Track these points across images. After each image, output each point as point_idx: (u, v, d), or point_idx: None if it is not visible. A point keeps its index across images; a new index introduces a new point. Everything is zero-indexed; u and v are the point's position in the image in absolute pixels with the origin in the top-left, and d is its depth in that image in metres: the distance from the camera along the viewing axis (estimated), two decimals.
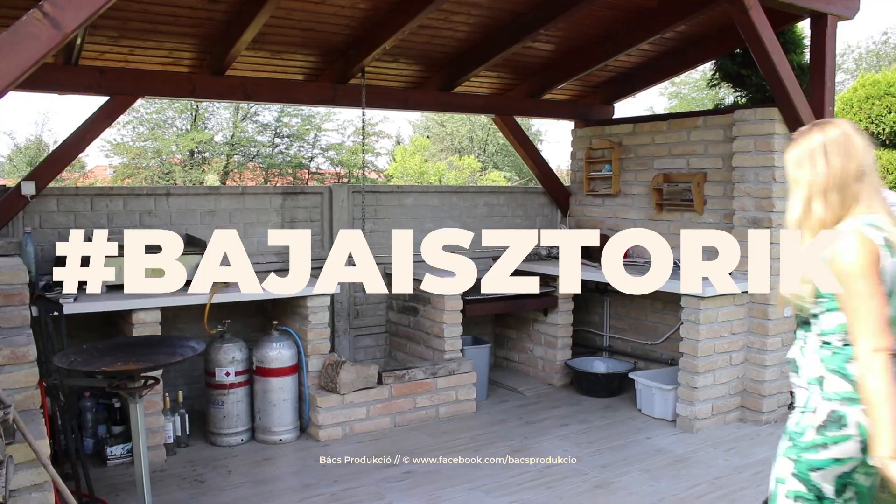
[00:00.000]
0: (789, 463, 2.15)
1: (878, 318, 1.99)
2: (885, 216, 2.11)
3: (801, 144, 2.21)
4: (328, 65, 5.31)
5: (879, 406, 1.94)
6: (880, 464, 1.95)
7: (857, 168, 2.14)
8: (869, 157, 2.16)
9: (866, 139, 2.17)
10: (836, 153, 2.15)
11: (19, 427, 2.34)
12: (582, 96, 6.64)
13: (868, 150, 2.15)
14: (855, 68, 22.46)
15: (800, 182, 2.20)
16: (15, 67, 2.24)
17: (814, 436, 2.09)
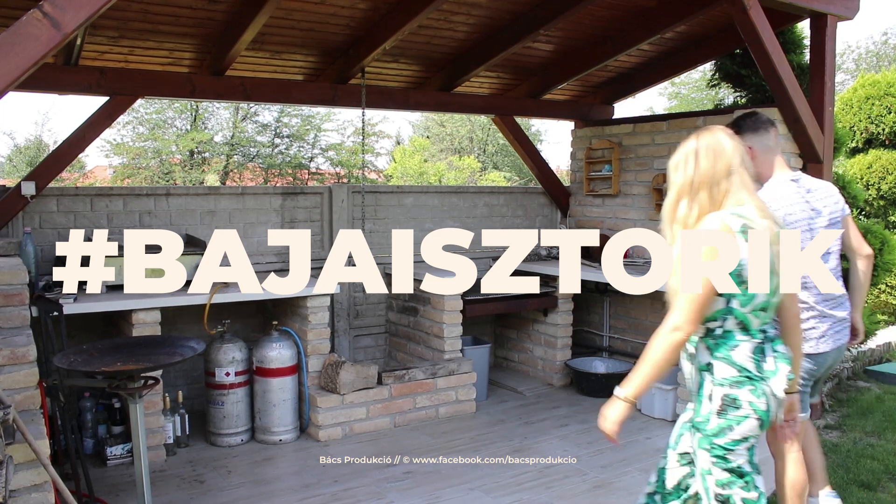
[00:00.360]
0: (706, 454, 2.33)
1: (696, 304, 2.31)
2: (753, 207, 2.33)
3: (679, 150, 2.46)
4: (328, 65, 5.31)
5: (646, 361, 2.33)
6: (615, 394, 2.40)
7: (726, 167, 2.35)
8: (737, 157, 2.37)
9: (737, 143, 2.41)
10: (705, 156, 2.37)
11: (19, 427, 2.34)
12: (582, 96, 6.64)
13: (737, 152, 2.38)
14: (855, 68, 22.46)
15: (673, 184, 2.44)
16: (15, 67, 2.24)
17: (717, 422, 2.29)
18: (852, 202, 5.67)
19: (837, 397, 5.43)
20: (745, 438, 2.30)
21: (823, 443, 4.51)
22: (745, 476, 2.32)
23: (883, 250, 5.36)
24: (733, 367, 2.30)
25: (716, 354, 2.33)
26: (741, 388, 2.28)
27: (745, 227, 2.28)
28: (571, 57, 5.77)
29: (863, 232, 5.35)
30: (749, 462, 2.33)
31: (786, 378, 2.30)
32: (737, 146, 2.39)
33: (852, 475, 4.00)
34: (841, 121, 8.83)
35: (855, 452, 4.33)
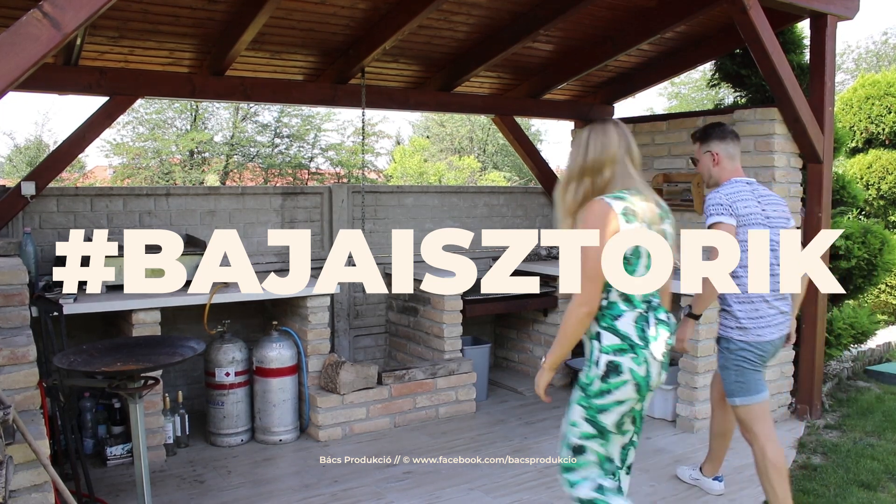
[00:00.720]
0: (581, 409, 2.56)
1: (592, 279, 2.48)
2: (636, 193, 2.53)
3: (573, 141, 2.66)
4: (328, 65, 5.31)
5: (561, 334, 2.53)
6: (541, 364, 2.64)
7: (611, 157, 2.54)
8: (622, 148, 2.57)
9: (623, 135, 2.59)
10: (593, 145, 2.57)
11: (19, 427, 2.34)
12: (582, 96, 6.64)
13: (622, 143, 2.57)
14: (855, 68, 22.46)
15: (565, 169, 2.66)
16: (15, 67, 2.23)
17: (599, 385, 2.51)
18: (852, 202, 5.67)
19: (837, 397, 5.43)
20: (620, 402, 2.50)
21: (823, 443, 4.51)
22: (606, 435, 2.55)
23: (883, 250, 5.36)
24: (617, 336, 2.49)
25: (602, 324, 2.51)
26: (624, 355, 2.47)
27: (627, 209, 2.47)
28: (571, 57, 5.77)
29: (862, 231, 5.36)
30: (617, 426, 2.54)
31: (665, 343, 2.52)
32: (622, 138, 2.58)
33: (852, 475, 4.00)
34: (841, 121, 8.84)
35: (855, 452, 4.33)
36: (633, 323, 2.49)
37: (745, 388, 3.33)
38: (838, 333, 5.24)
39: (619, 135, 2.58)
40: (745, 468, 4.11)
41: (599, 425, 2.53)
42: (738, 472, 4.04)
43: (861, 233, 5.34)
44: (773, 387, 4.85)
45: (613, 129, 2.59)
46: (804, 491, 3.80)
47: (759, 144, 4.80)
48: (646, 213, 2.50)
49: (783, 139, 4.75)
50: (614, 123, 2.62)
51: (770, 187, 4.73)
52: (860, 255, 5.28)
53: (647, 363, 2.48)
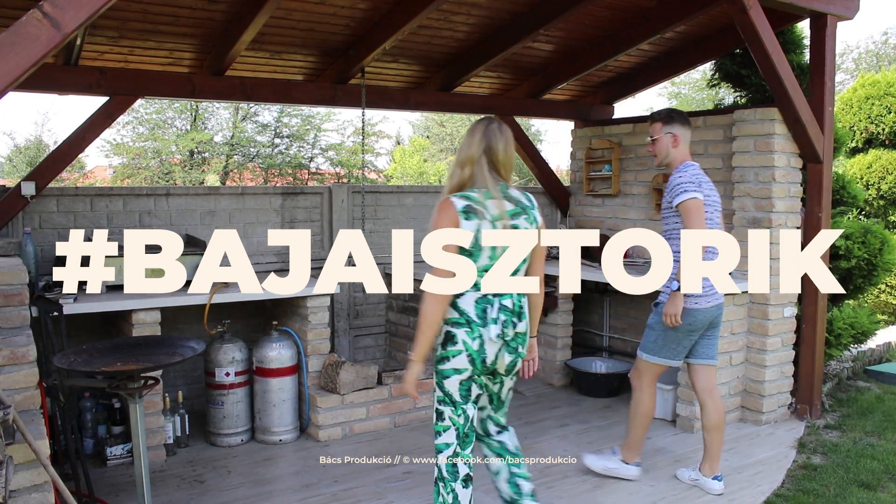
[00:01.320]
0: (435, 375, 2.86)
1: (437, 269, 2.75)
2: (486, 191, 2.76)
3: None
4: (328, 65, 5.31)
5: (422, 323, 2.76)
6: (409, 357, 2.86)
7: (470, 155, 2.81)
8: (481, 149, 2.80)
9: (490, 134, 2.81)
10: (468, 141, 2.84)
11: (19, 427, 2.34)
12: (582, 96, 6.64)
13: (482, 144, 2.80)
14: (854, 68, 22.45)
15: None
16: (15, 67, 2.23)
17: (440, 352, 2.82)
18: (852, 202, 5.67)
19: (837, 397, 5.43)
20: (456, 370, 2.79)
21: (823, 443, 4.51)
22: (456, 405, 2.84)
23: (883, 250, 5.36)
24: (456, 311, 2.79)
25: (450, 302, 2.80)
26: (460, 328, 2.78)
27: (468, 207, 2.73)
28: (571, 57, 5.77)
29: (862, 231, 5.36)
30: (462, 396, 2.83)
31: (501, 326, 2.76)
32: (483, 139, 2.81)
33: (852, 475, 4.00)
34: (841, 121, 8.83)
35: (855, 452, 4.33)
36: (473, 303, 2.78)
37: (661, 349, 3.72)
38: (838, 333, 5.23)
39: (482, 136, 2.81)
40: (745, 468, 4.11)
41: (445, 391, 2.84)
42: (737, 472, 4.04)
43: (861, 233, 5.34)
44: (773, 387, 4.85)
45: (479, 131, 2.83)
46: (804, 491, 3.80)
47: (759, 144, 4.80)
48: (491, 211, 2.74)
49: (783, 139, 4.75)
50: (485, 124, 2.84)
51: (770, 187, 4.74)
52: (860, 255, 5.28)
53: (482, 340, 2.76)
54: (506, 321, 2.79)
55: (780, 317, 4.83)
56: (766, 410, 4.83)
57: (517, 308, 2.83)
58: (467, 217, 2.73)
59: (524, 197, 2.89)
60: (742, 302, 4.82)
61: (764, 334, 4.79)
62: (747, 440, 4.56)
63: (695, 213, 3.49)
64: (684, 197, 3.53)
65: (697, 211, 3.49)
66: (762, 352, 4.80)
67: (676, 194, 3.57)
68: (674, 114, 3.76)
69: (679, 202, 3.55)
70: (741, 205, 4.90)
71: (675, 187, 3.59)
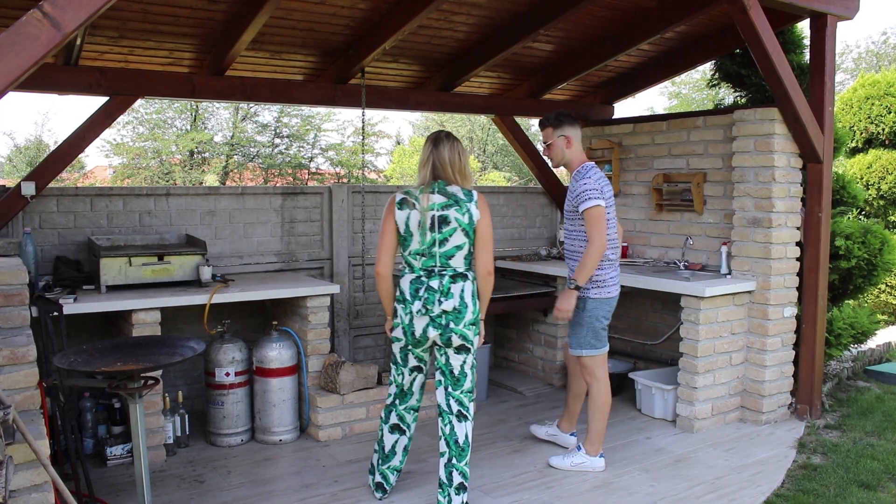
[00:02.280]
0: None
1: (380, 250, 3.45)
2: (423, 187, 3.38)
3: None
4: (328, 65, 5.31)
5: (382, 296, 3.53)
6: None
7: (424, 160, 3.45)
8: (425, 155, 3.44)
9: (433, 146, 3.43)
10: (422, 151, 3.47)
11: (19, 427, 2.34)
12: (582, 96, 6.64)
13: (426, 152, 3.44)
14: (854, 68, 22.46)
15: None
16: (15, 67, 2.23)
17: (392, 323, 3.50)
18: (852, 202, 5.67)
19: (837, 397, 5.43)
20: (396, 339, 3.46)
21: (823, 443, 4.51)
22: (398, 366, 3.53)
23: (883, 250, 5.36)
24: (398, 289, 3.44)
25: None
26: (399, 304, 3.42)
27: (404, 199, 3.40)
28: (571, 57, 5.77)
29: (862, 231, 5.36)
30: (401, 359, 3.50)
31: (423, 303, 3.32)
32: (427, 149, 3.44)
33: (852, 475, 4.00)
34: (841, 121, 8.83)
35: (855, 452, 4.33)
36: (409, 283, 3.39)
37: (599, 341, 4.01)
38: (838, 333, 5.23)
39: (430, 145, 3.44)
40: (745, 468, 4.11)
41: (392, 353, 3.54)
42: (737, 472, 4.05)
43: (861, 233, 5.34)
44: (773, 387, 4.86)
45: (429, 141, 3.46)
46: (804, 491, 3.80)
47: (759, 144, 4.80)
48: (421, 203, 3.35)
49: (783, 139, 4.75)
50: (433, 135, 3.46)
51: (770, 187, 4.74)
52: (860, 255, 5.28)
53: (412, 315, 3.35)
54: (428, 298, 3.33)
55: (780, 317, 4.83)
56: (766, 410, 4.83)
57: (444, 289, 3.34)
58: (400, 207, 3.40)
59: (462, 193, 3.37)
60: (742, 302, 4.82)
61: (764, 334, 4.79)
62: (747, 440, 4.56)
63: (598, 220, 3.81)
64: (589, 204, 3.83)
65: (600, 218, 3.82)
66: (762, 352, 4.80)
67: (582, 201, 3.86)
68: (562, 116, 4.00)
69: (584, 209, 3.85)
70: (741, 205, 4.90)
71: (580, 194, 3.87)
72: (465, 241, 3.35)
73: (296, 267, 5.47)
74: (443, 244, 3.36)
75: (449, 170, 3.38)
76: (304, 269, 5.51)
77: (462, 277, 3.37)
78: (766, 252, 4.75)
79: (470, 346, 3.39)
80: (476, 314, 3.40)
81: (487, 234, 3.38)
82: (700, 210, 5.45)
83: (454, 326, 3.33)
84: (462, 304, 3.34)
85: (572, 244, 4.04)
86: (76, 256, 4.67)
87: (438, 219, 3.33)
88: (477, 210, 3.35)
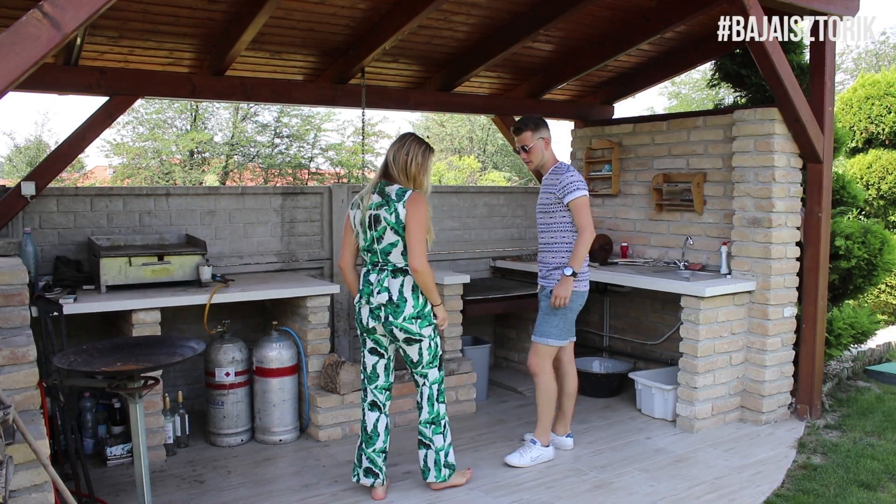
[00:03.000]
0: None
1: (342, 246, 3.76)
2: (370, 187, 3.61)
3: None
4: (328, 65, 5.31)
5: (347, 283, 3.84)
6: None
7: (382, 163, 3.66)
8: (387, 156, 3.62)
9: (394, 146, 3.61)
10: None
11: (19, 427, 2.34)
12: (582, 96, 6.64)
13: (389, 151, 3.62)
14: (854, 68, 22.45)
15: None
16: (15, 67, 2.23)
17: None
18: (852, 202, 5.67)
19: (837, 397, 5.43)
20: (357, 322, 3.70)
21: (823, 443, 4.51)
22: (362, 351, 3.75)
23: (883, 250, 5.36)
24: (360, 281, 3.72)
25: None
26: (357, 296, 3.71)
27: (355, 200, 3.67)
28: (571, 57, 5.77)
29: (862, 231, 5.36)
30: (362, 343, 3.73)
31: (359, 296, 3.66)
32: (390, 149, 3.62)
33: (852, 475, 4.00)
34: (841, 121, 8.83)
35: (855, 452, 4.33)
36: (361, 276, 3.69)
37: (561, 332, 4.14)
38: (838, 333, 5.23)
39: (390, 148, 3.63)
40: (745, 468, 4.11)
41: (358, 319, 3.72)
42: (737, 472, 4.05)
43: (861, 233, 5.34)
44: (773, 387, 4.86)
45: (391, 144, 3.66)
46: (804, 491, 3.80)
47: (759, 144, 4.80)
48: (363, 202, 3.60)
49: (783, 139, 4.75)
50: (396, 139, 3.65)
51: (770, 187, 4.74)
52: (860, 255, 5.28)
53: (360, 304, 3.64)
54: (365, 290, 3.62)
55: (780, 317, 4.83)
56: (766, 410, 4.83)
57: (379, 283, 3.57)
58: (352, 207, 3.69)
59: (395, 193, 3.51)
60: (742, 302, 4.82)
61: (764, 334, 4.79)
62: (747, 440, 4.56)
63: (586, 209, 4.00)
64: (578, 195, 3.99)
65: (587, 207, 4.01)
66: (762, 352, 4.80)
67: (570, 192, 3.99)
68: (538, 120, 4.15)
69: (573, 199, 3.99)
70: (741, 205, 4.90)
71: (567, 185, 4.01)
72: (396, 238, 3.51)
73: (296, 267, 5.47)
74: (379, 241, 3.56)
75: (392, 168, 3.55)
76: (304, 269, 5.51)
77: (402, 273, 3.56)
78: (766, 252, 4.75)
79: (417, 338, 3.59)
80: (418, 308, 3.56)
81: (413, 230, 3.47)
82: (700, 210, 5.45)
83: (393, 320, 3.53)
84: (400, 299, 3.53)
85: (552, 237, 4.14)
86: (76, 256, 4.67)
87: (373, 218, 3.55)
88: (403, 209, 3.47)
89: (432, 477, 3.75)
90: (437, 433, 3.73)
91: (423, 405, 3.73)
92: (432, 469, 3.75)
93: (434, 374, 3.71)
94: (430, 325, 3.62)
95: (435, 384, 3.72)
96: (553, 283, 4.13)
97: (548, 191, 4.12)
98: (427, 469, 3.76)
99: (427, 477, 3.77)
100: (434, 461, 3.75)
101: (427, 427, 3.73)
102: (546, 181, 4.15)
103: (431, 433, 3.73)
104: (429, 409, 3.72)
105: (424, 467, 3.77)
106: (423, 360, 3.65)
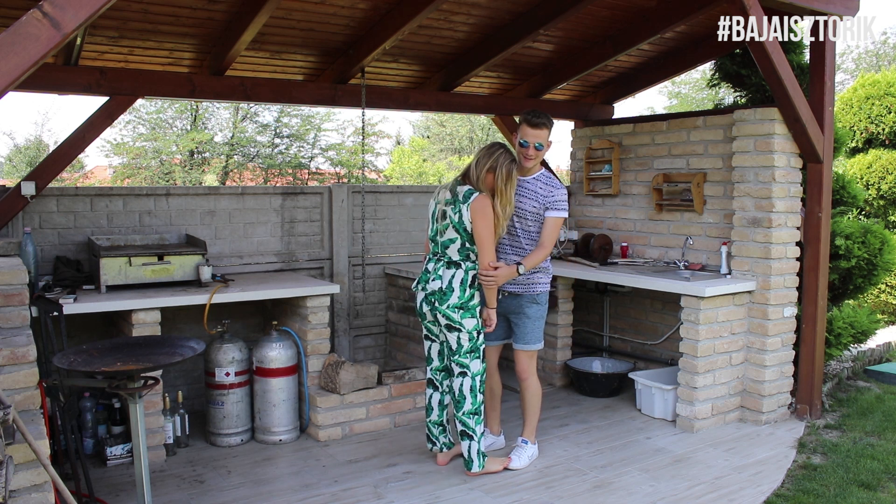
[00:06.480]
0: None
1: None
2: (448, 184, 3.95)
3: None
4: (328, 65, 5.31)
5: None
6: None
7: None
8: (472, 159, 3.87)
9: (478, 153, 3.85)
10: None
11: (19, 427, 2.34)
12: (582, 96, 6.64)
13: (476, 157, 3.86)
14: (854, 68, 22.46)
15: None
16: (15, 67, 2.23)
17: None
18: (852, 202, 5.67)
19: (837, 397, 5.43)
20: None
21: (823, 443, 4.51)
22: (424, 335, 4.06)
23: (883, 250, 5.36)
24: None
25: None
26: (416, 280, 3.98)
27: (436, 192, 3.96)
28: (571, 57, 5.77)
29: (862, 231, 5.36)
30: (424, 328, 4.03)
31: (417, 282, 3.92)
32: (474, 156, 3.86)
33: (852, 475, 4.00)
34: (841, 121, 8.83)
35: (855, 452, 4.33)
36: (424, 263, 3.96)
37: (542, 334, 4.16)
38: (838, 333, 5.23)
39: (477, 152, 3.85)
40: (745, 468, 4.11)
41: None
42: (738, 472, 4.05)
43: (861, 233, 5.34)
44: (773, 387, 4.86)
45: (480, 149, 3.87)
46: (804, 491, 3.80)
47: (759, 144, 4.80)
48: (438, 197, 3.91)
49: (783, 139, 4.75)
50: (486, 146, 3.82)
51: (770, 187, 4.74)
52: (860, 254, 5.28)
53: (416, 290, 3.92)
54: (421, 277, 3.89)
55: (780, 317, 4.83)
56: (766, 410, 4.83)
57: (435, 272, 3.83)
58: (433, 198, 3.96)
59: (462, 194, 3.75)
60: (742, 302, 4.82)
61: (764, 334, 4.79)
62: (747, 440, 4.56)
63: (559, 229, 3.99)
64: (563, 215, 3.96)
65: (560, 228, 4.01)
66: (762, 352, 4.80)
67: (558, 209, 3.95)
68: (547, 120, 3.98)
69: (557, 216, 3.93)
70: (741, 205, 4.90)
71: (558, 201, 3.95)
72: (456, 236, 3.79)
73: (296, 267, 5.47)
74: (442, 234, 3.85)
75: (473, 173, 3.79)
76: (304, 269, 5.51)
77: (456, 266, 3.82)
78: (766, 252, 4.75)
79: (457, 327, 3.80)
80: (463, 300, 3.78)
81: (480, 235, 3.74)
82: (700, 210, 5.45)
83: (439, 306, 3.80)
84: (448, 288, 3.78)
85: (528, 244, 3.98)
86: (76, 256, 4.67)
87: (441, 212, 3.84)
88: (468, 212, 3.73)
89: (476, 467, 3.92)
90: (479, 423, 3.90)
91: (466, 396, 3.88)
92: (475, 459, 3.91)
93: (477, 366, 3.89)
94: (474, 319, 3.83)
95: (478, 376, 3.89)
96: (535, 288, 4.03)
97: (535, 198, 3.94)
98: (470, 460, 3.92)
99: (471, 468, 3.92)
100: (477, 451, 3.91)
101: (470, 418, 3.89)
102: (530, 186, 3.96)
103: (475, 423, 3.89)
104: (472, 399, 3.88)
105: (468, 458, 3.92)
106: (462, 349, 3.84)
